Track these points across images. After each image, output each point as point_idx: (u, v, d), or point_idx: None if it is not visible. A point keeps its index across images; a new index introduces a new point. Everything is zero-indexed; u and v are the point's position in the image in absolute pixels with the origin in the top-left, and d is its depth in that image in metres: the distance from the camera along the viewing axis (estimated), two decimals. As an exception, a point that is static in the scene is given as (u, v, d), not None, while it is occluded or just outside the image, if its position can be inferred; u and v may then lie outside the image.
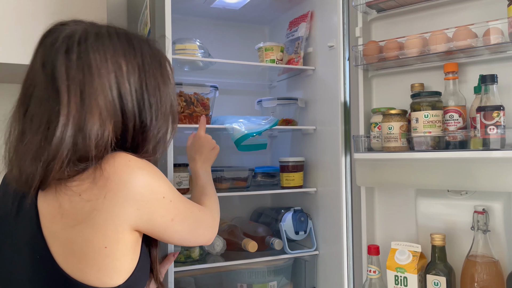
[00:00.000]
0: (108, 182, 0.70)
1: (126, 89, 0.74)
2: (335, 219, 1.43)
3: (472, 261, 1.13)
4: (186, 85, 1.45)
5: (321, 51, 1.53)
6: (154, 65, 0.79)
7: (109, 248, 0.70)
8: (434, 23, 1.27)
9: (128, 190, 0.71)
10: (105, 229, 0.69)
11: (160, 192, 0.75)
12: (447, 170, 1.15)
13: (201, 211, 0.90)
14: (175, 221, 0.80)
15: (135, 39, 0.79)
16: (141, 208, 0.72)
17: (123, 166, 0.72)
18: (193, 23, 1.77)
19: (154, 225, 0.76)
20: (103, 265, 0.70)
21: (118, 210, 0.70)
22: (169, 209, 0.78)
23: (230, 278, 1.49)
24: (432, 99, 1.20)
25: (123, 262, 0.73)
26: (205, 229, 0.91)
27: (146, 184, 0.73)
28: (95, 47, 0.74)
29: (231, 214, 1.78)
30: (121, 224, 0.71)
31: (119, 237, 0.71)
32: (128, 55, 0.76)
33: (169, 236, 0.82)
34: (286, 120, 1.65)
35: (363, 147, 1.36)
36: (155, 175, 0.76)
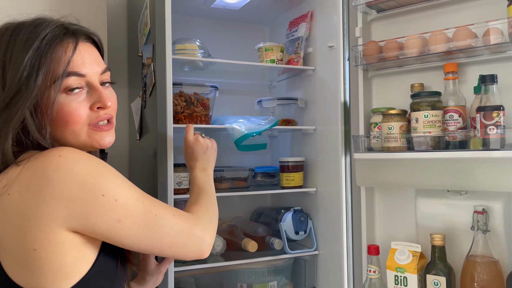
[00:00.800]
0: (33, 179, 0.66)
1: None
2: (335, 219, 1.43)
3: (472, 261, 1.13)
4: (186, 85, 1.45)
5: (321, 51, 1.53)
6: (28, 40, 0.74)
7: (38, 251, 0.66)
8: (434, 23, 1.27)
9: (54, 187, 0.66)
10: (31, 230, 0.66)
11: (97, 189, 0.68)
12: (447, 170, 1.15)
13: (177, 216, 0.78)
14: (124, 223, 0.71)
15: (24, 23, 0.78)
16: (70, 206, 0.66)
17: (51, 161, 0.67)
18: (193, 23, 1.77)
19: (94, 226, 0.69)
20: (35, 269, 0.66)
21: (44, 208, 0.66)
22: (112, 208, 0.69)
23: (230, 278, 1.49)
24: (432, 99, 1.20)
25: (62, 265, 0.68)
26: (185, 238, 0.78)
27: (77, 181, 0.67)
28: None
29: (231, 214, 1.78)
30: (49, 223, 0.66)
31: (49, 238, 0.66)
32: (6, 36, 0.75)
33: (124, 242, 0.72)
34: (286, 120, 1.65)
35: (363, 147, 1.36)
36: (94, 171, 0.69)
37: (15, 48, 0.73)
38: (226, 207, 1.77)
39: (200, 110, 1.44)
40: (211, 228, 0.85)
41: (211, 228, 0.86)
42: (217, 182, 1.48)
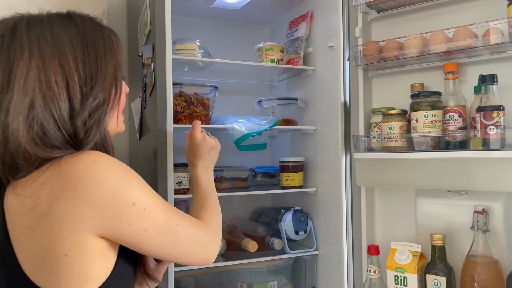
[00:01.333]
0: (67, 184, 0.66)
1: (67, 62, 0.71)
2: (335, 219, 1.43)
3: (472, 261, 1.13)
4: (186, 85, 1.45)
5: (321, 51, 1.53)
6: (95, 37, 0.77)
7: (69, 256, 0.65)
8: (434, 23, 1.27)
9: (88, 193, 0.66)
10: (62, 235, 0.65)
11: (128, 198, 0.69)
12: (447, 170, 1.15)
13: (193, 225, 0.80)
14: (151, 232, 0.72)
15: (77, 16, 0.78)
16: (103, 214, 0.66)
17: (86, 167, 0.67)
18: (193, 23, 1.77)
19: (122, 234, 0.69)
20: (65, 273, 0.66)
21: (77, 214, 0.65)
22: (140, 217, 0.70)
23: (230, 278, 1.49)
24: (432, 99, 1.20)
25: (89, 270, 0.68)
26: (198, 247, 0.80)
27: (110, 188, 0.67)
28: (29, 28, 0.73)
29: (231, 214, 1.78)
30: (80, 230, 0.66)
31: (80, 243, 0.66)
32: (70, 30, 0.75)
33: (146, 249, 0.73)
34: (286, 120, 1.65)
35: (363, 147, 1.36)
36: (125, 179, 0.70)
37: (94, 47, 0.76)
38: (226, 207, 1.76)
39: (200, 110, 1.44)
40: (218, 236, 0.88)
41: (219, 236, 0.88)
42: (217, 182, 1.48)
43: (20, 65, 0.69)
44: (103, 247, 0.69)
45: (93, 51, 0.75)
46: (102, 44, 0.77)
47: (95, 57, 0.75)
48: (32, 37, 0.71)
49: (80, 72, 0.72)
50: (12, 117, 0.67)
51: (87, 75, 0.73)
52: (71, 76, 0.71)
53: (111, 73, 0.77)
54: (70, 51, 0.72)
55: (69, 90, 0.71)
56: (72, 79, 0.71)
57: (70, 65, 0.71)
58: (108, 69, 0.76)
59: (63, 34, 0.73)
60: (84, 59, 0.73)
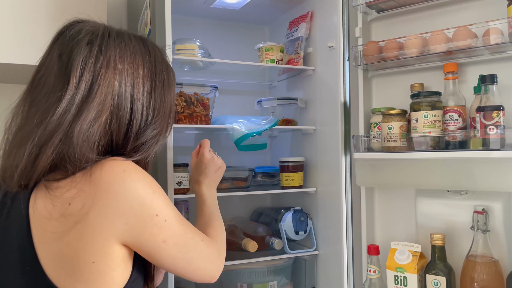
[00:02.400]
0: (98, 191, 0.67)
1: (139, 87, 0.76)
2: (335, 219, 1.43)
3: (472, 261, 1.13)
4: (186, 85, 1.45)
5: (321, 51, 1.53)
6: (163, 68, 0.82)
7: (96, 263, 0.67)
8: (434, 23, 1.27)
9: (118, 202, 0.67)
10: (92, 242, 0.66)
11: (153, 208, 0.70)
12: (447, 170, 1.15)
13: (205, 241, 0.82)
14: (168, 243, 0.73)
15: (149, 42, 0.82)
16: (129, 223, 0.68)
17: (116, 175, 0.68)
18: (193, 23, 1.77)
19: (143, 243, 0.71)
20: (91, 279, 0.67)
21: (106, 222, 0.67)
22: (161, 228, 0.72)
23: (230, 278, 1.49)
24: (432, 99, 1.20)
25: (113, 277, 0.69)
26: (207, 263, 0.82)
27: (138, 198, 0.69)
28: (117, 44, 0.75)
29: (231, 214, 1.78)
30: (108, 237, 0.67)
31: (107, 251, 0.67)
32: (144, 56, 0.78)
33: (161, 260, 0.75)
34: (286, 120, 1.65)
35: (363, 147, 1.36)
36: (151, 190, 0.71)
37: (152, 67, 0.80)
38: (226, 207, 1.77)
39: (200, 110, 1.44)
40: (224, 254, 0.90)
41: (224, 254, 0.91)
42: (217, 182, 1.48)
43: (105, 79, 0.72)
44: (125, 254, 0.71)
45: (160, 83, 0.80)
46: (167, 78, 0.81)
47: (161, 88, 0.80)
48: (117, 55, 0.74)
49: (145, 100, 0.77)
50: (85, 124, 0.69)
51: (151, 105, 0.78)
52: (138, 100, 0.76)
53: (169, 106, 0.82)
54: (142, 78, 0.77)
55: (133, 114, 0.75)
56: (137, 104, 0.76)
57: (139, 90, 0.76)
58: (168, 102, 0.82)
59: (139, 59, 0.77)
60: (151, 89, 0.78)
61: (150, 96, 0.78)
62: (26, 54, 1.16)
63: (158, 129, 0.80)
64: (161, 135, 0.81)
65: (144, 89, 0.77)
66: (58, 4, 1.30)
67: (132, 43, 0.78)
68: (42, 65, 0.75)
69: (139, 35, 0.82)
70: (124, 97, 0.74)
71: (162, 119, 0.80)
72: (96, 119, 0.70)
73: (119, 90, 0.73)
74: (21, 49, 1.23)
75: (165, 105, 0.81)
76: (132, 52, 0.76)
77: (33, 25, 1.26)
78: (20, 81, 1.39)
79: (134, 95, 0.75)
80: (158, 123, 0.79)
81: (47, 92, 0.71)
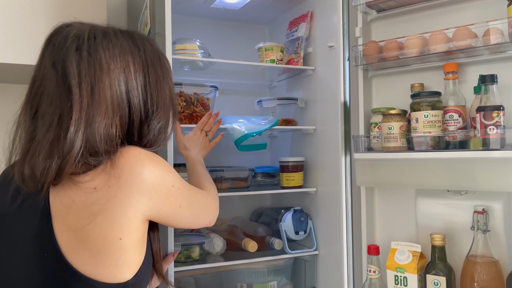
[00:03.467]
0: (122, 174, 0.72)
1: (133, 84, 0.78)
2: (335, 219, 1.43)
3: (472, 261, 1.13)
4: (186, 85, 1.45)
5: (321, 51, 1.53)
6: (155, 60, 0.83)
7: (123, 240, 0.72)
8: (434, 23, 1.27)
9: (141, 181, 0.73)
10: (119, 221, 0.71)
11: (169, 181, 0.79)
12: (447, 170, 1.15)
13: (203, 195, 0.95)
14: (183, 207, 0.84)
15: (137, 37, 0.83)
16: (152, 198, 0.75)
17: (135, 158, 0.74)
18: (193, 23, 1.77)
19: (164, 212, 0.80)
20: (115, 257, 0.72)
21: (132, 200, 0.72)
22: (177, 196, 0.81)
23: (230, 278, 1.49)
24: (432, 99, 1.20)
25: (133, 255, 0.74)
26: (208, 212, 0.95)
27: (157, 175, 0.76)
28: (104, 45, 0.77)
29: (231, 214, 1.78)
30: (134, 214, 0.73)
31: (132, 227, 0.73)
32: (133, 51, 0.80)
33: (177, 222, 0.86)
34: (286, 120, 1.65)
35: (363, 147, 1.36)
36: (164, 166, 0.79)
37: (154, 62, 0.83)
38: (226, 207, 1.77)
39: (200, 110, 1.44)
40: (216, 199, 1.04)
41: (217, 199, 1.05)
42: (217, 182, 1.48)
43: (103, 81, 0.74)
44: (144, 231, 0.77)
45: (154, 75, 0.82)
46: (160, 69, 0.83)
47: (155, 81, 0.82)
48: (107, 55, 0.76)
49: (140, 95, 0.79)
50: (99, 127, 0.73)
51: (148, 100, 0.80)
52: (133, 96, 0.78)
53: (168, 96, 0.84)
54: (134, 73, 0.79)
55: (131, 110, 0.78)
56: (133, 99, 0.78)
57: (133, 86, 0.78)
58: (166, 92, 0.84)
59: (130, 57, 0.79)
60: (145, 84, 0.80)
61: (146, 91, 0.80)
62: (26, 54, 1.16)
63: (163, 120, 0.83)
64: (168, 126, 0.85)
65: (138, 85, 0.79)
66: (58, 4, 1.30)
67: (120, 40, 0.79)
68: (37, 75, 0.77)
69: (127, 30, 0.83)
70: (120, 96, 0.76)
71: (164, 110, 0.83)
72: (107, 120, 0.74)
73: (116, 90, 0.76)
74: (21, 49, 1.23)
75: (163, 96, 0.83)
76: (121, 51, 0.78)
77: (33, 25, 1.26)
78: (20, 81, 1.39)
79: (129, 92, 0.77)
80: (160, 115, 0.82)
81: (50, 102, 0.74)
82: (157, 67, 0.83)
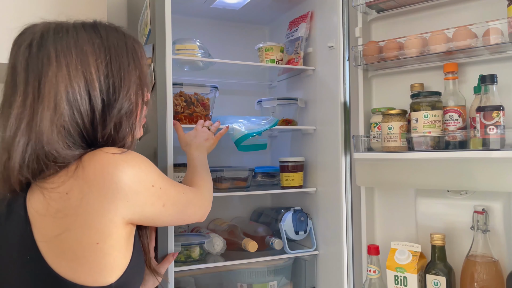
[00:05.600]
0: (94, 178, 0.69)
1: (91, 75, 0.74)
2: (335, 219, 1.43)
3: (472, 261, 1.13)
4: (186, 85, 1.45)
5: (321, 51, 1.53)
6: (119, 48, 0.79)
7: (101, 244, 0.70)
8: (434, 23, 1.27)
9: (116, 184, 0.70)
10: (95, 226, 0.69)
11: (148, 181, 0.76)
12: (447, 170, 1.15)
13: (191, 191, 0.92)
14: (167, 206, 0.81)
15: (102, 27, 0.80)
16: (131, 200, 0.72)
17: (107, 161, 0.71)
18: (193, 23, 1.77)
19: (147, 213, 0.77)
20: (94, 262, 0.70)
21: (107, 205, 0.70)
22: (159, 196, 0.79)
23: (230, 278, 1.49)
24: (432, 99, 1.20)
25: (115, 258, 0.72)
26: (195, 208, 0.93)
27: (132, 176, 0.72)
28: (57, 38, 0.75)
29: (231, 214, 1.78)
30: (111, 219, 0.70)
31: (111, 231, 0.71)
32: (94, 41, 0.77)
33: (162, 221, 0.84)
34: (286, 120, 1.65)
35: (363, 147, 1.36)
36: (142, 165, 0.76)
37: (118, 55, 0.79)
38: (226, 207, 1.77)
39: (200, 110, 1.44)
40: (209, 197, 1.02)
41: (210, 197, 1.03)
42: (217, 182, 1.48)
43: (49, 75, 0.72)
44: (127, 235, 0.74)
45: (116, 63, 0.78)
46: (126, 56, 0.80)
47: (118, 69, 0.78)
48: (58, 48, 0.74)
49: (102, 84, 0.75)
50: (45, 123, 0.71)
51: (110, 87, 0.76)
52: (93, 88, 0.74)
53: (136, 84, 0.80)
54: (93, 63, 0.75)
55: (91, 101, 0.74)
56: (94, 91, 0.74)
57: (93, 77, 0.74)
58: (132, 80, 0.79)
59: (87, 45, 0.76)
60: (107, 71, 0.76)
61: (107, 79, 0.76)
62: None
63: (126, 108, 0.78)
64: (133, 115, 0.80)
65: (100, 75, 0.75)
66: (58, 4, 1.31)
67: (77, 33, 0.76)
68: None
69: (91, 22, 0.80)
70: (77, 88, 0.73)
71: (128, 98, 0.78)
72: (55, 115, 0.71)
73: (70, 82, 0.72)
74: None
75: (127, 84, 0.78)
76: (77, 41, 0.75)
77: (33, 25, 1.26)
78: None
79: (88, 83, 0.74)
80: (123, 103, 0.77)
81: (4, 103, 0.74)
82: (123, 55, 0.79)
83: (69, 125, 0.72)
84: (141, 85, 0.82)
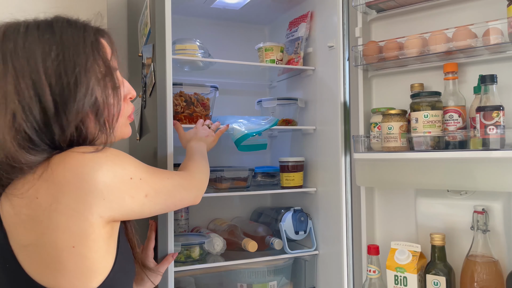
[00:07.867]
0: (64, 179, 0.66)
1: (39, 76, 0.70)
2: (335, 219, 1.43)
3: (472, 261, 1.13)
4: (186, 85, 1.45)
5: (321, 51, 1.53)
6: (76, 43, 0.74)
7: (77, 247, 0.67)
8: (434, 23, 1.27)
9: (88, 183, 0.67)
10: (69, 227, 0.66)
11: (125, 174, 0.73)
12: (447, 170, 1.15)
13: (178, 175, 0.90)
14: (150, 195, 0.78)
15: (59, 23, 0.76)
16: (106, 197, 0.69)
17: (76, 161, 0.68)
18: (193, 23, 1.77)
19: (129, 207, 0.74)
20: (72, 267, 0.67)
21: (81, 205, 0.67)
22: (139, 187, 0.75)
23: (230, 278, 1.49)
24: (432, 99, 1.20)
25: (95, 261, 0.69)
26: (185, 191, 0.90)
27: (106, 172, 0.69)
28: (4, 41, 0.72)
29: (231, 214, 1.78)
30: (86, 218, 0.67)
31: (87, 232, 0.68)
32: (45, 41, 0.72)
33: (150, 211, 0.80)
34: (286, 120, 1.65)
35: (363, 147, 1.36)
36: (116, 159, 0.73)
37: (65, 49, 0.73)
38: (226, 207, 1.77)
39: (200, 110, 1.44)
40: (200, 177, 0.99)
41: (201, 177, 1.00)
42: (217, 182, 1.48)
43: None
44: (107, 235, 0.71)
45: (71, 61, 0.72)
46: (83, 51, 0.74)
47: (73, 66, 0.72)
48: (5, 50, 0.71)
49: (53, 86, 0.71)
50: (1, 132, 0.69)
51: (65, 88, 0.71)
52: (42, 89, 0.70)
53: (98, 78, 0.75)
54: (42, 64, 0.71)
55: (42, 103, 0.70)
56: (43, 92, 0.70)
57: (40, 78, 0.70)
58: (93, 76, 0.74)
59: (36, 45, 0.72)
60: (60, 71, 0.71)
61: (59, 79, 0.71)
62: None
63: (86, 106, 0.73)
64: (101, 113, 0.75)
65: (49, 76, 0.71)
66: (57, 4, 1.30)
67: (29, 32, 0.73)
68: None
69: (50, 19, 0.77)
70: (26, 92, 0.69)
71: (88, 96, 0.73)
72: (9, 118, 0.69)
73: (19, 85, 0.69)
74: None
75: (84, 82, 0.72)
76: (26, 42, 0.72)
77: (33, 25, 1.26)
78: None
79: (36, 86, 0.70)
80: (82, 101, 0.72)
81: None
82: (79, 53, 0.73)
83: (26, 129, 0.69)
84: (106, 76, 0.76)
